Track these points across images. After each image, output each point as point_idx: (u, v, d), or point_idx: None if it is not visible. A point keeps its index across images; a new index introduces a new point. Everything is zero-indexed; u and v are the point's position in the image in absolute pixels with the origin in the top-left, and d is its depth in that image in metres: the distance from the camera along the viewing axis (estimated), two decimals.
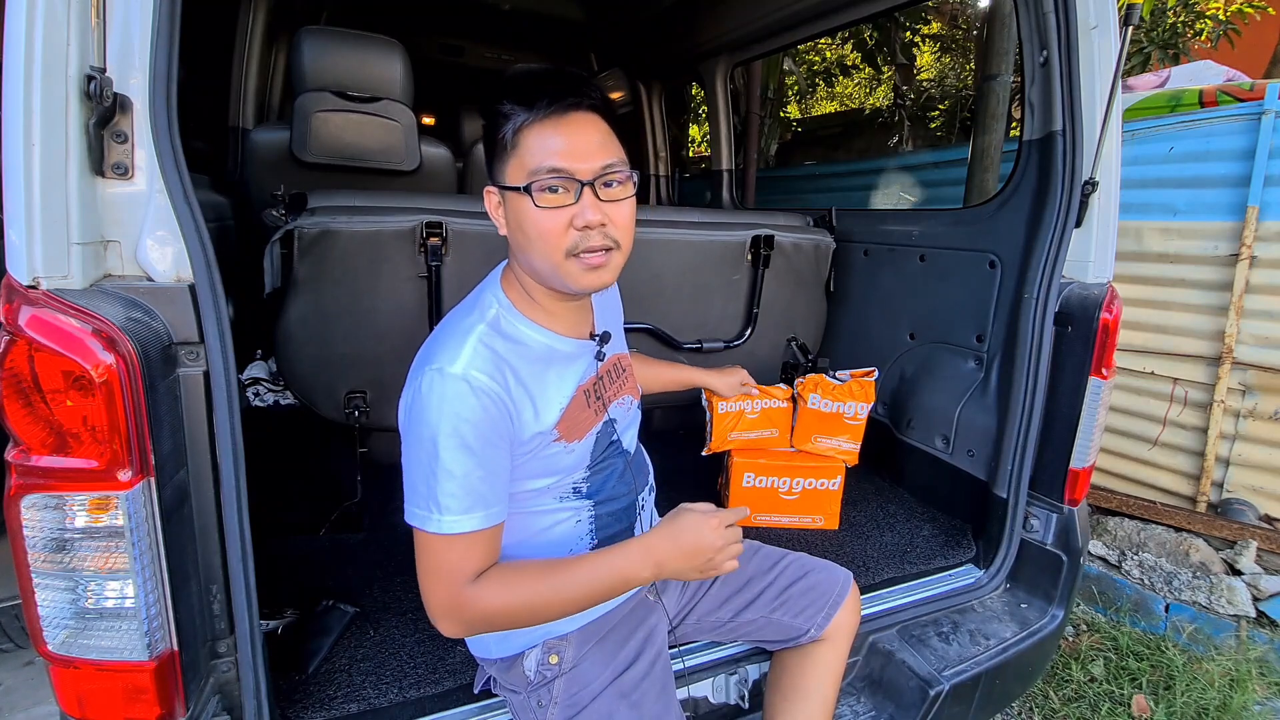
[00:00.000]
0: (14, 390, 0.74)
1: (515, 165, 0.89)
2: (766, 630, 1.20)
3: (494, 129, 0.91)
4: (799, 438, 1.83)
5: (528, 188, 0.87)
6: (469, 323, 0.93)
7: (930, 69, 8.17)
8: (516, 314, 0.97)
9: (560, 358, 0.99)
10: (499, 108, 0.89)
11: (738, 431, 1.80)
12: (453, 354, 0.87)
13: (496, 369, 0.89)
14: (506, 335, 0.94)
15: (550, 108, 0.87)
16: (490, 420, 0.87)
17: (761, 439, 1.82)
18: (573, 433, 0.99)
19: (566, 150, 0.87)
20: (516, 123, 0.88)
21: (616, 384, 1.11)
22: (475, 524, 0.86)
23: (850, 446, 1.81)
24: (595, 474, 1.05)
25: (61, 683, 0.84)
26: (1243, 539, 2.46)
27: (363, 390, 1.65)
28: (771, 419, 1.81)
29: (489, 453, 0.87)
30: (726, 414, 1.78)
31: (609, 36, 3.49)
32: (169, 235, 0.85)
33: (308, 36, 2.02)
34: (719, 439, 1.80)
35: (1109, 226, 1.50)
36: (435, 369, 0.86)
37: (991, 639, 1.46)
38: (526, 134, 0.88)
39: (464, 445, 0.85)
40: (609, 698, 0.99)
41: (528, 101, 0.87)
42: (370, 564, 1.53)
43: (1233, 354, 2.60)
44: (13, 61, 0.71)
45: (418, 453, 0.87)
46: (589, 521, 1.06)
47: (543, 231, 0.88)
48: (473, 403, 0.85)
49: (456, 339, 0.90)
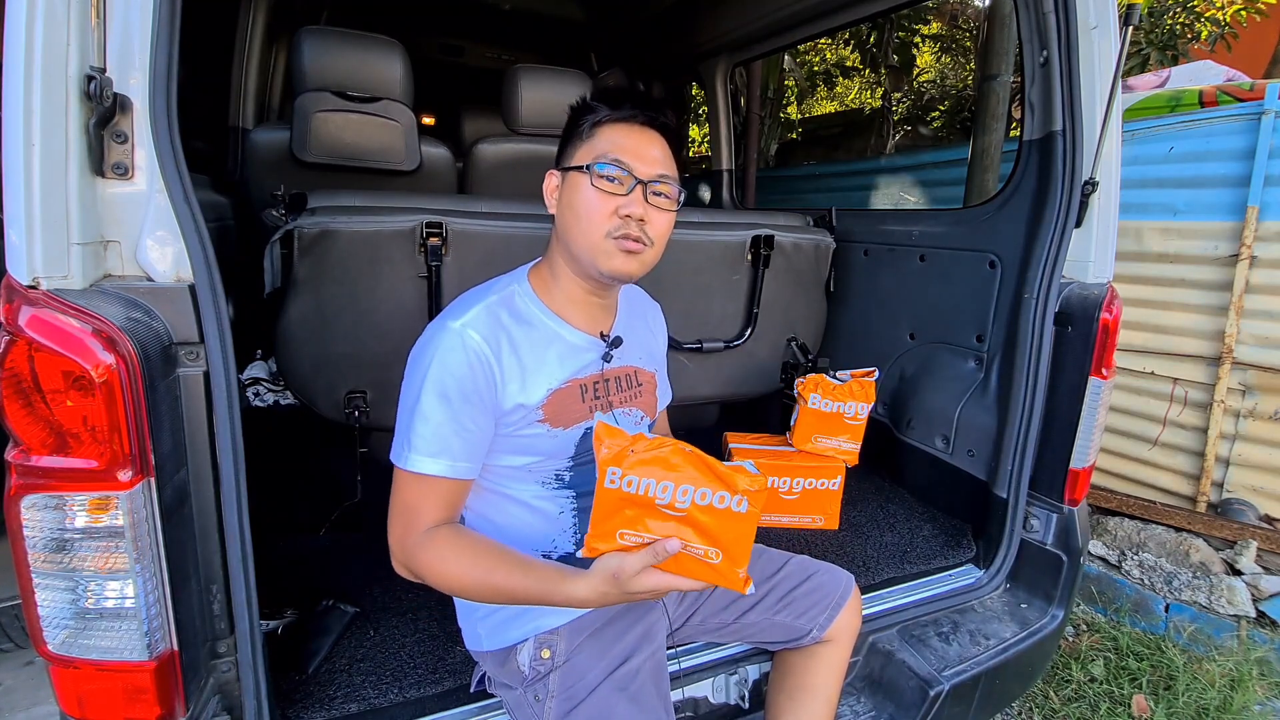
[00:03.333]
0: (14, 390, 0.74)
1: (585, 150, 0.99)
2: (769, 631, 1.20)
3: (575, 121, 1.02)
4: (799, 438, 1.83)
5: (589, 166, 0.96)
6: (487, 292, 1.02)
7: (930, 69, 8.17)
8: (533, 297, 1.04)
9: (565, 344, 1.04)
10: (587, 103, 1.01)
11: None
12: (460, 312, 0.97)
13: (492, 333, 0.96)
14: (515, 310, 1.01)
15: (631, 114, 0.99)
16: (473, 379, 0.93)
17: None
18: (558, 419, 1.02)
19: (633, 150, 0.97)
20: (598, 118, 0.99)
21: (629, 392, 1.13)
22: (437, 469, 0.93)
23: (850, 446, 1.81)
24: (579, 466, 1.07)
25: (61, 683, 0.84)
26: (1243, 539, 2.46)
27: (363, 390, 1.65)
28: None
29: (465, 409, 0.93)
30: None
31: (609, 36, 3.49)
32: (169, 235, 0.85)
33: (308, 36, 2.02)
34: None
35: (1109, 226, 1.50)
36: (441, 320, 0.97)
37: (991, 639, 1.46)
38: (603, 129, 0.99)
39: (443, 395, 0.92)
40: (606, 691, 0.99)
41: (614, 104, 1.00)
42: (370, 564, 1.53)
43: (1233, 354, 2.60)
44: (13, 61, 0.71)
45: (407, 392, 0.96)
46: (571, 514, 1.07)
47: (591, 210, 0.96)
48: (460, 357, 0.93)
49: (469, 303, 0.99)
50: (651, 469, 0.77)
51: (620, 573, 0.81)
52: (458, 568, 0.92)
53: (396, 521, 0.96)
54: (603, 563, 0.84)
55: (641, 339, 1.19)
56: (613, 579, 0.82)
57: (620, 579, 0.82)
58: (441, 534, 0.94)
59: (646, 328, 1.23)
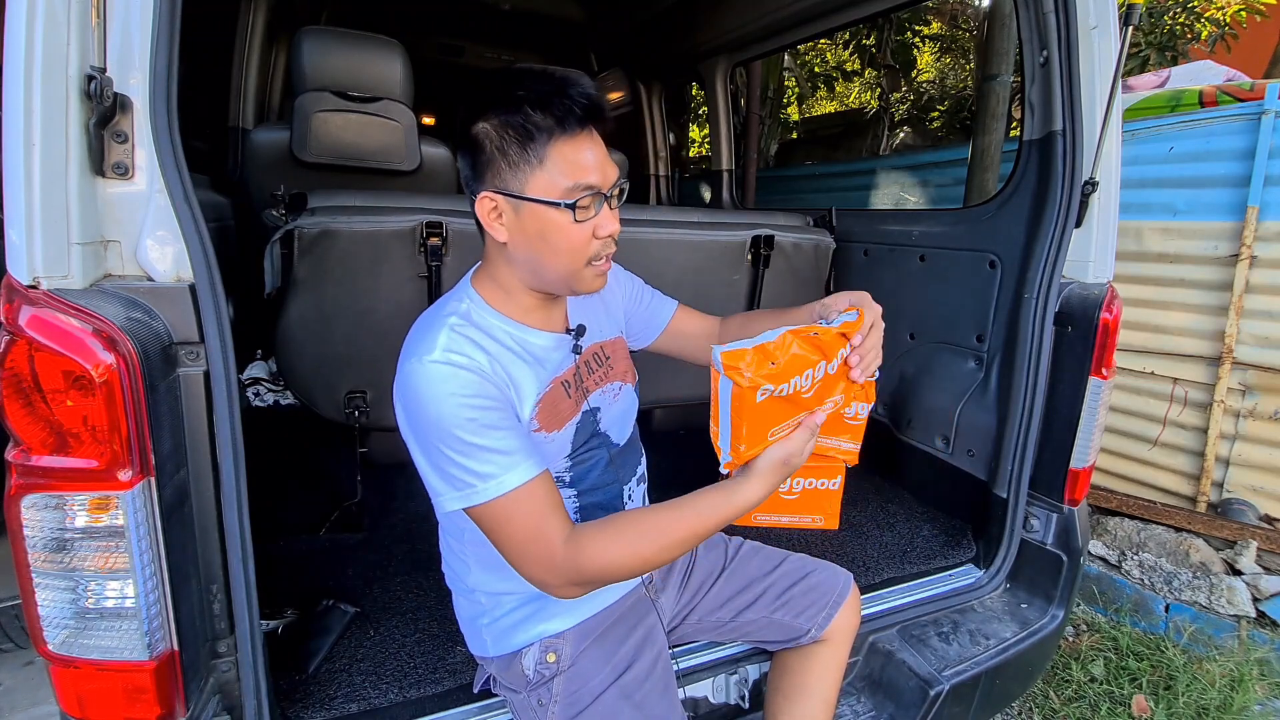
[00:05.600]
0: (14, 390, 0.74)
1: (543, 179, 0.87)
2: (767, 630, 1.20)
3: (520, 140, 0.87)
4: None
5: (571, 205, 0.87)
6: (440, 316, 0.92)
7: (930, 69, 8.17)
8: (488, 308, 0.96)
9: (533, 350, 0.99)
10: (523, 120, 0.86)
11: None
12: (428, 344, 0.87)
13: (473, 349, 0.88)
14: (478, 325, 0.93)
15: (574, 121, 0.87)
16: (485, 390, 0.86)
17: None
18: (551, 423, 0.99)
19: (594, 166, 0.89)
20: (546, 138, 0.86)
21: (599, 371, 1.10)
22: (524, 475, 0.85)
23: (850, 446, 1.79)
24: (577, 464, 1.04)
25: (61, 683, 0.84)
26: (1243, 539, 2.46)
27: (363, 390, 1.65)
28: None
29: (499, 414, 0.86)
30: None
31: (609, 36, 3.49)
32: (169, 235, 0.85)
33: (308, 36, 2.02)
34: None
35: (1109, 226, 1.50)
36: (414, 362, 0.86)
37: (991, 639, 1.46)
38: (557, 149, 0.87)
39: (471, 419, 0.83)
40: (611, 698, 0.99)
41: (559, 118, 0.86)
42: (370, 564, 1.53)
43: (1233, 354, 2.60)
44: (13, 61, 0.71)
45: (429, 446, 0.85)
46: (574, 513, 1.05)
47: (574, 244, 0.90)
48: (463, 376, 0.85)
49: (430, 332, 0.89)
50: (788, 369, 0.86)
51: (791, 457, 0.91)
52: (629, 547, 0.87)
53: (530, 555, 0.86)
54: (766, 457, 0.90)
55: (595, 312, 1.14)
56: (784, 465, 0.91)
57: (792, 462, 0.91)
58: (585, 531, 0.88)
59: (596, 297, 1.16)
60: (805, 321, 1.06)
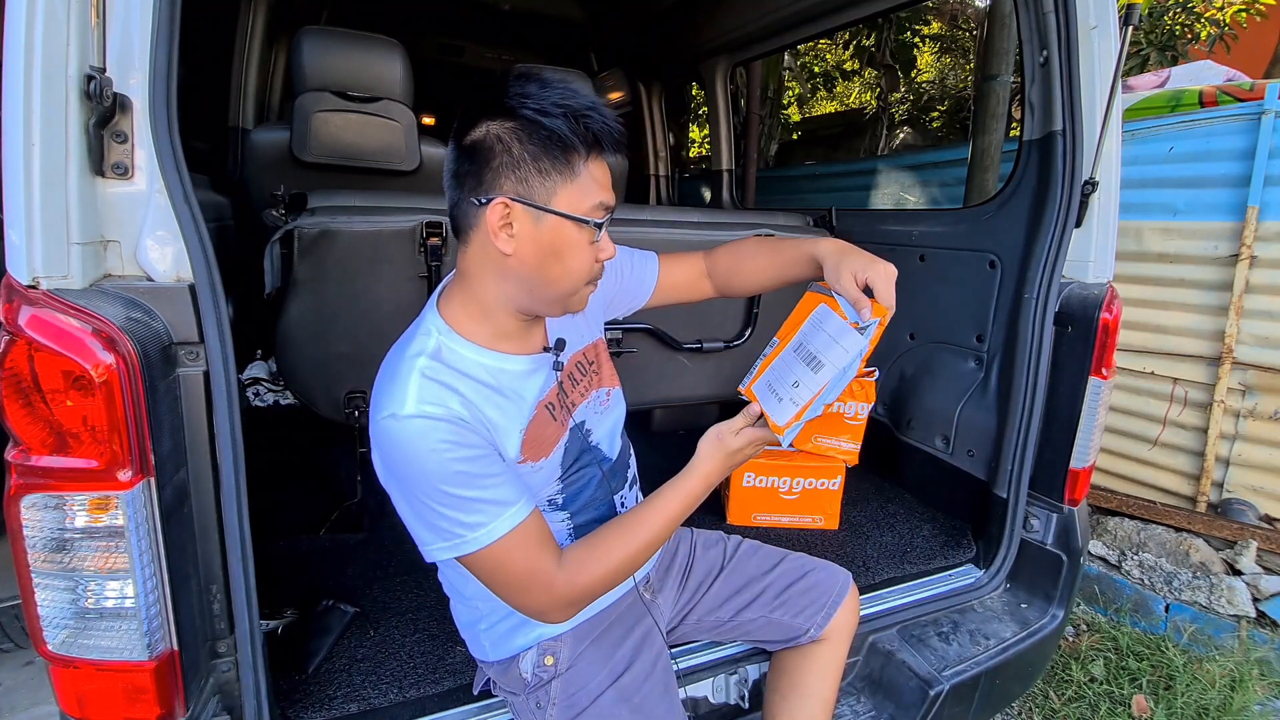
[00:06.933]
0: (14, 390, 0.74)
1: (573, 193, 0.85)
2: (766, 630, 1.20)
3: (551, 150, 0.83)
4: (799, 438, 1.82)
5: (598, 224, 0.88)
6: (409, 357, 0.87)
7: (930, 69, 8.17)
8: (458, 339, 0.90)
9: (512, 378, 0.93)
10: (563, 135, 0.83)
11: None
12: (400, 397, 0.82)
13: (448, 396, 0.84)
14: (450, 365, 0.88)
15: (615, 150, 0.89)
16: (466, 439, 0.83)
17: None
18: (538, 451, 0.95)
19: (608, 185, 0.90)
20: (585, 152, 0.85)
21: (583, 383, 1.07)
22: (514, 520, 0.85)
23: (850, 446, 1.79)
24: (569, 485, 1.02)
25: (61, 683, 0.84)
26: (1243, 539, 2.46)
27: (363, 390, 1.65)
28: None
29: (485, 462, 0.84)
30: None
31: (609, 36, 3.49)
32: (169, 235, 0.85)
33: (308, 36, 2.02)
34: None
35: (1109, 226, 1.50)
36: (387, 417, 0.81)
37: (991, 639, 1.46)
38: (594, 165, 0.87)
39: (458, 472, 0.81)
40: (610, 700, 0.99)
41: (599, 135, 0.85)
42: (370, 564, 1.53)
43: (1233, 354, 2.60)
44: (13, 61, 0.71)
45: (413, 500, 0.83)
46: (567, 534, 1.03)
47: (584, 262, 0.89)
48: (443, 429, 0.81)
49: (400, 379, 0.84)
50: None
51: (723, 435, 1.01)
52: (609, 561, 0.92)
53: (526, 593, 0.87)
54: (703, 439, 1.01)
55: (574, 321, 1.09)
56: (717, 441, 1.00)
57: (725, 440, 1.00)
58: (572, 555, 0.91)
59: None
60: (794, 257, 1.11)
